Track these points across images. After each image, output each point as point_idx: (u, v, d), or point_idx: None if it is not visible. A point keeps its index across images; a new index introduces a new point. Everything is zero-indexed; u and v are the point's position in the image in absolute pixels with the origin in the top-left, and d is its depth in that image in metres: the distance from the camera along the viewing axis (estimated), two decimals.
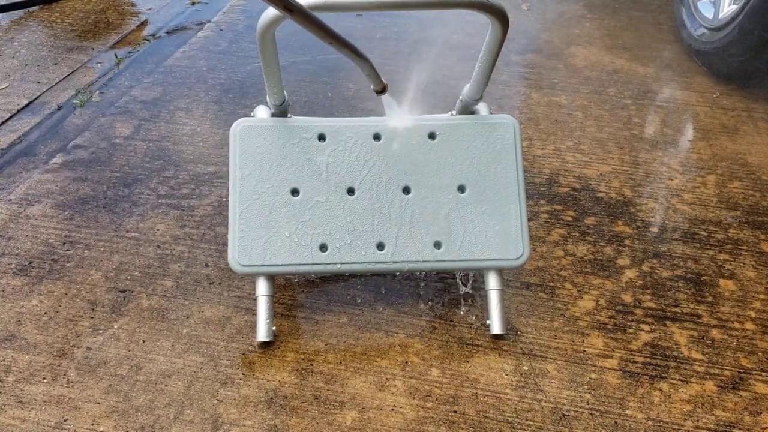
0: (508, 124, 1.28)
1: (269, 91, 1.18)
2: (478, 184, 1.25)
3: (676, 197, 1.68)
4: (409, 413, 1.15)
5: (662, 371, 1.24)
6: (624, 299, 1.39)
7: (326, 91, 2.09)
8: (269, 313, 1.23)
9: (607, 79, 2.22)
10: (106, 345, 1.25)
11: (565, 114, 2.01)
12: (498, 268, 1.26)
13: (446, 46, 2.38)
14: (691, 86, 2.19)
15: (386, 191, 1.24)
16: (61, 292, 1.35)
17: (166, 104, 1.98)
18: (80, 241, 1.48)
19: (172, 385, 1.18)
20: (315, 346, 1.26)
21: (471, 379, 1.21)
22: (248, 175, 1.20)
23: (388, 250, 1.22)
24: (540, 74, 2.24)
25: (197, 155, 1.76)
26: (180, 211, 1.57)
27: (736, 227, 1.59)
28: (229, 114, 1.94)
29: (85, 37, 2.43)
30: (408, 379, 1.21)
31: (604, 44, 2.46)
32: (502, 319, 1.27)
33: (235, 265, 1.18)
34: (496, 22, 1.02)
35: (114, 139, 1.82)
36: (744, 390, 1.22)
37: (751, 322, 1.35)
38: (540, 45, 2.44)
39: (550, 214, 1.61)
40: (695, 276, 1.45)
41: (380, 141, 1.25)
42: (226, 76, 2.15)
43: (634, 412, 1.17)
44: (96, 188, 1.63)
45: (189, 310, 1.33)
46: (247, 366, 1.22)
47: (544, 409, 1.17)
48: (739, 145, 1.90)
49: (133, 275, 1.40)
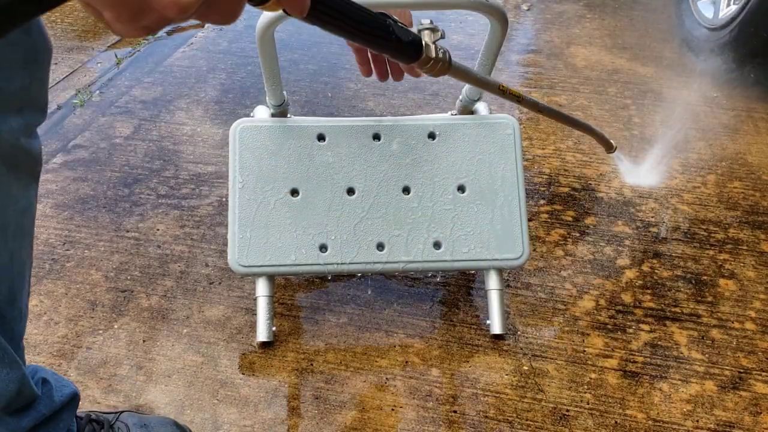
0: (508, 124, 1.28)
1: (269, 91, 1.18)
2: (477, 184, 1.25)
3: (676, 197, 1.68)
4: (409, 413, 1.15)
5: (662, 371, 1.24)
6: (624, 299, 1.39)
7: (326, 91, 2.09)
8: (269, 313, 1.23)
9: (607, 79, 2.22)
10: (106, 345, 1.25)
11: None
12: (498, 268, 1.26)
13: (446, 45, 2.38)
14: (691, 86, 2.19)
15: (386, 191, 1.24)
16: (61, 291, 1.35)
17: (166, 104, 1.98)
18: (80, 241, 1.48)
19: (172, 385, 1.18)
20: (315, 346, 1.26)
21: (471, 379, 1.21)
22: (248, 176, 1.20)
23: (387, 250, 1.22)
24: (540, 74, 2.24)
25: (197, 155, 1.76)
26: (180, 211, 1.57)
27: (736, 227, 1.59)
28: (229, 114, 1.94)
29: (85, 37, 2.44)
30: (408, 379, 1.21)
31: (604, 44, 2.46)
32: (502, 319, 1.27)
33: (234, 265, 1.18)
34: (496, 22, 1.02)
35: (114, 138, 1.82)
36: (744, 390, 1.22)
37: (751, 322, 1.35)
38: (540, 45, 2.44)
39: (550, 214, 1.61)
40: (695, 276, 1.45)
41: (380, 141, 1.25)
42: (226, 76, 2.15)
43: (634, 412, 1.17)
44: (96, 188, 1.63)
45: (189, 310, 1.33)
46: (247, 366, 1.22)
47: (544, 409, 1.17)
48: (739, 145, 1.90)
49: (133, 275, 1.40)
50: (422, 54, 0.73)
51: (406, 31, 0.68)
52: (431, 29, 0.78)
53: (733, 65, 2.15)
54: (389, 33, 0.65)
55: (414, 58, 0.72)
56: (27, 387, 0.81)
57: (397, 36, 0.66)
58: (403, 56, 0.70)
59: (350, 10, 0.57)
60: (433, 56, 0.75)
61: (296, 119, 1.25)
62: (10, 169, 0.72)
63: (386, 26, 0.64)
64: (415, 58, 0.72)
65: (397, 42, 0.66)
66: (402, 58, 0.71)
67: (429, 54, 0.74)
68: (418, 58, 0.73)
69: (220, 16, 0.37)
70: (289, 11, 0.44)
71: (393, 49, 0.67)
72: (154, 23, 0.33)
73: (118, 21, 0.32)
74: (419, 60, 0.73)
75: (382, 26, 0.64)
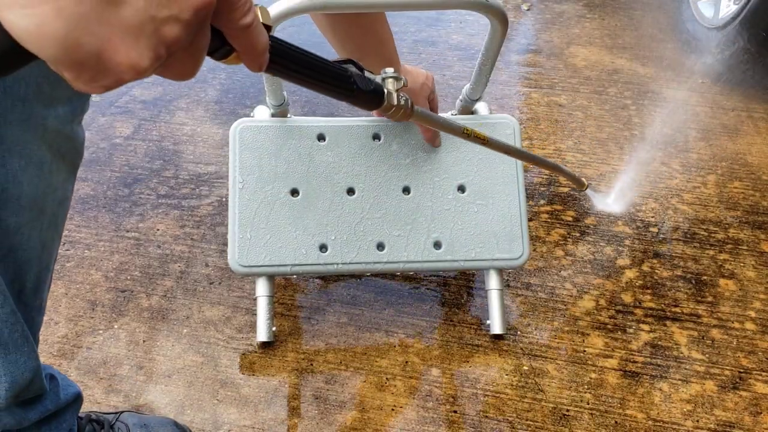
0: (508, 124, 1.28)
1: (269, 91, 1.18)
2: (478, 184, 1.25)
3: (676, 197, 1.68)
4: (409, 413, 1.15)
5: (662, 371, 1.24)
6: (624, 299, 1.39)
7: None
8: (269, 313, 1.23)
9: (607, 79, 2.22)
10: (106, 345, 1.25)
11: (565, 114, 2.01)
12: (498, 268, 1.26)
13: (446, 45, 2.38)
14: (691, 86, 2.19)
15: (386, 191, 1.24)
16: (61, 291, 1.35)
17: (166, 104, 1.98)
18: (80, 241, 1.48)
19: (172, 385, 1.18)
20: (315, 346, 1.26)
21: (471, 379, 1.21)
22: (248, 176, 1.20)
23: (387, 250, 1.22)
24: (540, 74, 2.24)
25: (197, 155, 1.76)
26: (180, 211, 1.57)
27: (736, 227, 1.59)
28: (229, 114, 1.94)
29: None
30: (408, 379, 1.21)
31: (604, 44, 2.46)
32: (502, 319, 1.27)
33: (234, 265, 1.18)
34: (496, 22, 1.02)
35: (114, 138, 1.82)
36: (744, 390, 1.22)
37: (751, 322, 1.35)
38: (540, 45, 2.44)
39: (550, 214, 1.61)
40: (695, 276, 1.45)
41: (380, 141, 1.25)
42: (226, 76, 2.15)
43: (634, 412, 1.17)
44: (96, 188, 1.63)
45: (189, 310, 1.33)
46: (247, 366, 1.22)
47: (544, 409, 1.17)
48: (739, 145, 1.90)
49: (133, 275, 1.40)
50: (384, 102, 0.75)
51: (367, 81, 0.70)
52: (394, 78, 0.81)
53: (733, 65, 2.15)
54: (350, 83, 0.67)
55: (376, 106, 0.75)
56: (39, 379, 0.82)
57: (359, 86, 0.68)
58: (365, 105, 0.73)
59: (310, 62, 0.59)
60: (395, 104, 0.78)
61: (296, 119, 1.25)
62: (55, 156, 0.73)
63: (347, 77, 0.66)
64: (377, 106, 0.75)
65: (359, 92, 0.68)
66: (364, 106, 0.73)
67: (391, 102, 0.77)
68: (380, 106, 0.75)
69: (177, 76, 0.39)
70: (248, 67, 0.46)
71: (355, 98, 0.69)
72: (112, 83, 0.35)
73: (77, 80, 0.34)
74: (381, 107, 0.76)
75: (343, 77, 0.65)
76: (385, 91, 0.76)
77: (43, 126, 0.70)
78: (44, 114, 0.69)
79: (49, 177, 0.73)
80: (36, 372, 0.80)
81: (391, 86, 0.80)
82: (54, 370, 0.92)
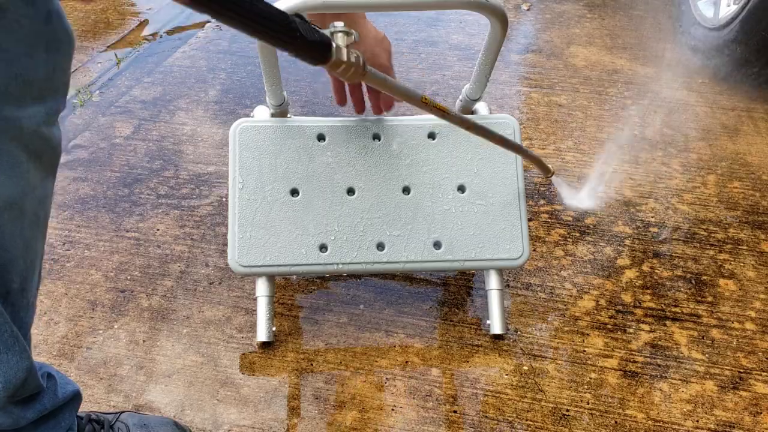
0: (508, 124, 1.28)
1: (269, 91, 1.18)
2: (477, 184, 1.25)
3: (676, 197, 1.68)
4: (409, 413, 1.15)
5: (662, 371, 1.24)
6: (624, 299, 1.39)
7: (326, 91, 2.09)
8: (269, 313, 1.23)
9: (607, 79, 2.22)
10: (106, 345, 1.25)
11: (565, 114, 2.01)
12: (498, 268, 1.26)
13: (446, 45, 2.38)
14: (691, 86, 2.19)
15: (386, 191, 1.24)
16: (61, 291, 1.36)
17: (166, 104, 1.98)
18: (80, 241, 1.48)
19: (172, 385, 1.18)
20: (315, 346, 1.27)
21: (471, 379, 1.21)
22: (248, 176, 1.20)
23: (387, 250, 1.22)
24: (540, 74, 2.24)
25: (197, 155, 1.76)
26: (180, 211, 1.57)
27: (736, 227, 1.59)
28: (229, 114, 1.94)
29: (84, 37, 2.43)
30: (408, 379, 1.21)
31: (604, 44, 2.46)
32: (502, 319, 1.27)
33: (234, 265, 1.18)
34: (496, 22, 1.02)
35: (114, 138, 1.82)
36: (744, 390, 1.22)
37: (751, 322, 1.35)
38: (540, 45, 2.44)
39: (550, 214, 1.61)
40: (695, 276, 1.45)
41: (380, 141, 1.25)
42: (226, 76, 2.15)
43: (634, 412, 1.17)
44: (96, 188, 1.63)
45: (189, 310, 1.33)
46: (247, 366, 1.22)
47: (544, 409, 1.17)
48: (739, 145, 1.90)
49: (133, 275, 1.40)
50: (331, 56, 0.70)
51: (313, 31, 0.66)
52: (344, 32, 0.75)
53: (733, 65, 2.15)
54: (291, 29, 0.61)
55: (322, 60, 0.69)
56: (34, 377, 0.82)
57: (302, 33, 0.63)
58: (309, 56, 0.67)
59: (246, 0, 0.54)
60: (344, 59, 0.72)
61: (296, 119, 1.25)
62: (30, 156, 0.73)
63: (288, 23, 0.61)
64: (323, 60, 0.69)
65: (302, 40, 0.63)
66: (308, 59, 0.68)
67: (340, 57, 0.71)
68: (327, 61, 0.70)
69: None
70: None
71: (297, 48, 0.64)
72: None
73: None
74: (329, 63, 0.70)
75: (283, 22, 0.60)
76: (333, 45, 0.70)
77: (18, 127, 0.69)
78: (17, 115, 0.69)
79: (27, 176, 0.73)
80: (29, 371, 0.80)
81: (341, 41, 0.73)
82: (52, 368, 0.92)
